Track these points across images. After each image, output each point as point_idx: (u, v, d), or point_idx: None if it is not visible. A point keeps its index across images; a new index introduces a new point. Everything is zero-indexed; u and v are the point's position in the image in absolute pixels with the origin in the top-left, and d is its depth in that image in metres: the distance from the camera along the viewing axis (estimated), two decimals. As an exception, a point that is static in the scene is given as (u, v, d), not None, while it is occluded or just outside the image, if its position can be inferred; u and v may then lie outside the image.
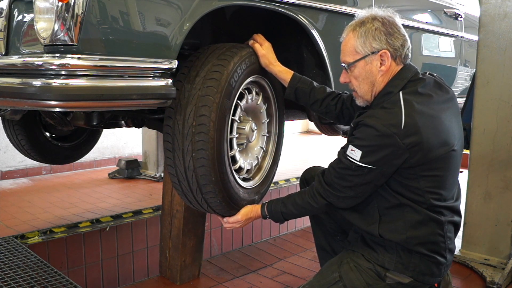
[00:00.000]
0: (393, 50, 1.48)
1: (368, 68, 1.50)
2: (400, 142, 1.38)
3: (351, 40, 1.50)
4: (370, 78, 1.51)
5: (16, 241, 2.39)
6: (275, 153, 1.94)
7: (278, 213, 1.65)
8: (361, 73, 1.51)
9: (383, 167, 1.44)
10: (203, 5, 1.49)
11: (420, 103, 1.44)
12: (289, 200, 1.63)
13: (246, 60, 1.64)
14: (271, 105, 1.89)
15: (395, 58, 1.49)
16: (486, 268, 2.33)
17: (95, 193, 3.61)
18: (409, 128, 1.39)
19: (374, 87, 1.52)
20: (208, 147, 1.53)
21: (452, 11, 3.11)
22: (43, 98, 1.22)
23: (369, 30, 1.47)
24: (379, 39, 1.46)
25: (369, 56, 1.48)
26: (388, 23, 1.47)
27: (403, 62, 1.52)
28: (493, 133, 2.36)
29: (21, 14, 1.49)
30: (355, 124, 1.47)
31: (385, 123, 1.39)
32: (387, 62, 1.48)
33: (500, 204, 2.36)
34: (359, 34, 1.48)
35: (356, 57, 1.50)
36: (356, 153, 1.43)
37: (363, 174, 1.45)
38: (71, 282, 1.91)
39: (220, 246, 3.08)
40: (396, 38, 1.47)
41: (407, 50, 1.50)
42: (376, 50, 1.47)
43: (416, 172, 1.44)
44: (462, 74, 3.29)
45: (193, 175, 1.57)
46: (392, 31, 1.47)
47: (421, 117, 1.41)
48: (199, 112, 1.52)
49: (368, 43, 1.47)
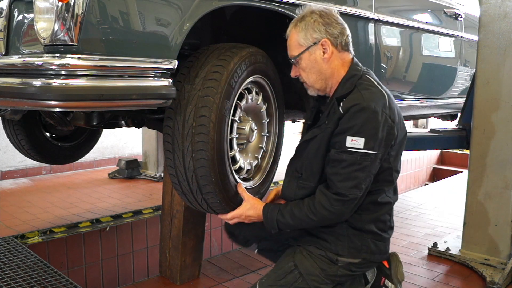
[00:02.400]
0: (333, 38, 1.56)
1: (312, 58, 1.57)
2: (391, 121, 1.50)
3: (294, 35, 1.59)
4: (316, 67, 1.58)
5: (16, 241, 2.39)
6: (275, 153, 1.94)
7: (274, 221, 1.59)
8: (308, 64, 1.59)
9: (383, 150, 1.50)
10: (203, 5, 1.49)
11: (381, 84, 1.59)
12: (286, 209, 1.58)
13: (246, 60, 1.64)
14: (271, 105, 1.89)
15: (336, 45, 1.57)
16: (486, 268, 2.33)
17: (95, 193, 3.62)
18: (391, 108, 1.52)
19: (322, 75, 1.59)
20: (208, 148, 1.53)
21: (452, 11, 3.11)
22: (43, 98, 1.21)
23: (309, 23, 1.55)
24: (318, 30, 1.55)
25: (311, 47, 1.56)
26: (325, 14, 1.56)
27: (344, 48, 1.59)
28: (493, 133, 2.36)
29: (21, 14, 1.49)
30: (345, 110, 1.48)
31: (377, 104, 1.47)
32: (329, 49, 1.56)
33: (500, 204, 2.36)
34: (300, 28, 1.57)
35: (300, 49, 1.58)
36: (358, 141, 1.46)
37: (366, 165, 1.48)
38: (71, 282, 1.91)
39: (220, 246, 3.09)
40: (334, 27, 1.56)
41: (347, 37, 1.59)
42: (317, 40, 1.55)
43: (389, 152, 1.55)
44: (462, 74, 3.29)
45: (193, 175, 1.57)
46: (329, 21, 1.56)
47: (391, 97, 1.56)
48: (199, 113, 1.52)
49: (309, 35, 1.55)
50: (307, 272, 1.58)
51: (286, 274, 1.60)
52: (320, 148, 1.55)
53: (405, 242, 2.84)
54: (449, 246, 2.59)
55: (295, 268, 1.60)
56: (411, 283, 2.26)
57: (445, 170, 5.79)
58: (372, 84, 1.55)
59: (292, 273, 1.60)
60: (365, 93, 1.50)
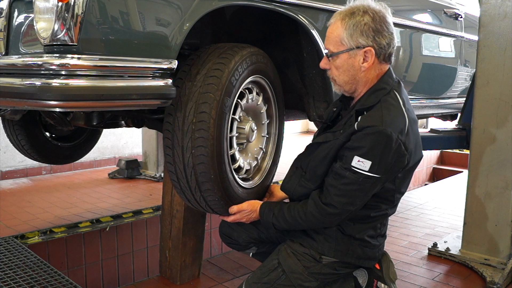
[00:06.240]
0: (379, 48, 1.45)
1: (350, 61, 1.48)
2: (404, 149, 1.43)
3: (338, 29, 1.47)
4: (351, 71, 1.49)
5: (16, 241, 2.39)
6: (275, 154, 1.94)
7: (269, 223, 1.63)
8: (343, 65, 1.49)
9: (388, 175, 1.45)
10: (203, 5, 1.49)
11: (409, 104, 1.51)
12: (280, 214, 1.60)
13: (247, 59, 1.64)
14: (271, 106, 1.89)
15: (379, 56, 1.47)
16: (486, 268, 2.33)
17: (95, 193, 3.62)
18: (408, 134, 1.44)
19: (355, 81, 1.51)
20: (207, 144, 1.53)
21: (452, 11, 3.11)
22: (43, 98, 1.21)
23: (358, 23, 1.43)
24: (366, 35, 1.43)
25: (353, 50, 1.46)
26: (379, 19, 1.44)
27: (386, 60, 1.50)
28: (493, 133, 2.36)
29: (21, 14, 1.49)
30: (359, 128, 1.42)
31: (394, 129, 1.40)
32: (370, 59, 1.46)
33: (500, 204, 2.36)
34: (348, 25, 1.44)
35: (340, 48, 1.48)
36: (365, 163, 1.40)
37: (367, 186, 1.44)
38: (71, 282, 1.91)
39: (220, 246, 3.08)
40: (384, 37, 1.45)
41: (393, 49, 1.49)
42: (361, 45, 1.45)
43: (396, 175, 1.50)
44: (462, 74, 3.29)
45: (192, 172, 1.57)
46: (381, 28, 1.44)
47: (413, 122, 1.49)
48: (199, 109, 1.52)
49: (355, 37, 1.44)
50: (290, 270, 1.58)
51: (270, 272, 1.60)
52: (328, 155, 1.51)
53: (405, 242, 2.84)
54: (449, 246, 2.59)
55: (278, 266, 1.60)
56: (411, 283, 2.26)
57: (445, 170, 5.78)
58: (397, 104, 1.45)
59: (276, 270, 1.60)
60: (386, 114, 1.41)
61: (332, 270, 1.59)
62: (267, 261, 1.67)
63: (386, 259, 1.70)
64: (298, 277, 1.57)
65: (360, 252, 1.59)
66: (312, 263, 1.58)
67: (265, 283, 1.59)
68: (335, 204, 1.47)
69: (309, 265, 1.58)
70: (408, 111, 1.47)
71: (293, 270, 1.58)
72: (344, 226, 1.56)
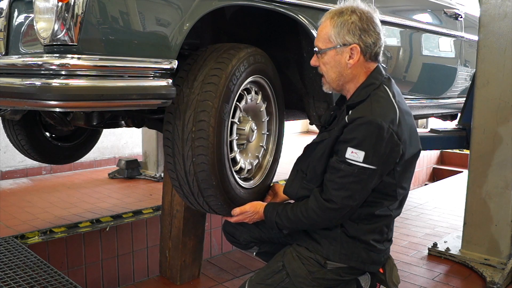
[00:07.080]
0: (364, 46, 1.50)
1: (337, 58, 1.53)
2: (397, 138, 1.45)
3: (327, 27, 1.53)
4: (338, 67, 1.54)
5: (16, 241, 2.39)
6: (276, 151, 1.94)
7: (273, 223, 1.63)
8: (330, 61, 1.54)
9: (383, 166, 1.46)
10: (203, 5, 1.49)
11: (400, 97, 1.53)
12: (283, 212, 1.61)
13: (244, 61, 1.63)
14: (270, 104, 1.89)
15: (365, 54, 1.52)
16: (486, 268, 2.33)
17: (95, 193, 3.62)
18: (401, 125, 1.46)
19: (342, 77, 1.55)
20: (208, 152, 1.52)
21: (452, 11, 3.11)
22: (43, 98, 1.21)
23: (346, 22, 1.49)
24: (353, 33, 1.49)
25: (340, 47, 1.51)
26: (366, 18, 1.49)
27: (372, 59, 1.54)
28: (493, 133, 2.36)
29: (21, 14, 1.49)
30: (350, 120, 1.46)
31: (384, 119, 1.43)
32: (356, 56, 1.50)
33: (500, 204, 2.36)
34: (336, 24, 1.50)
35: (328, 45, 1.53)
36: (358, 154, 1.42)
37: (364, 179, 1.45)
38: (71, 282, 1.91)
39: (220, 246, 3.09)
40: (370, 36, 1.50)
41: (379, 48, 1.53)
42: (348, 43, 1.50)
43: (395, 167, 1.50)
44: (462, 74, 3.29)
45: (194, 179, 1.57)
46: (367, 27, 1.49)
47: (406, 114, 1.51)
48: (198, 118, 1.51)
49: (342, 35, 1.49)
50: (294, 274, 1.58)
51: (274, 274, 1.60)
52: (325, 152, 1.54)
53: (405, 242, 2.84)
54: (449, 246, 2.59)
55: (283, 268, 1.60)
56: (411, 283, 2.26)
57: (445, 170, 5.78)
58: (387, 96, 1.50)
59: (280, 273, 1.59)
60: (376, 105, 1.46)
61: (336, 276, 1.58)
62: (271, 262, 1.66)
63: (390, 262, 1.69)
64: (302, 281, 1.57)
65: (365, 256, 1.58)
66: (317, 268, 1.58)
67: (268, 285, 1.59)
68: (334, 199, 1.48)
69: (313, 269, 1.58)
70: (399, 103, 1.51)
71: (297, 274, 1.58)
72: (348, 227, 1.56)
